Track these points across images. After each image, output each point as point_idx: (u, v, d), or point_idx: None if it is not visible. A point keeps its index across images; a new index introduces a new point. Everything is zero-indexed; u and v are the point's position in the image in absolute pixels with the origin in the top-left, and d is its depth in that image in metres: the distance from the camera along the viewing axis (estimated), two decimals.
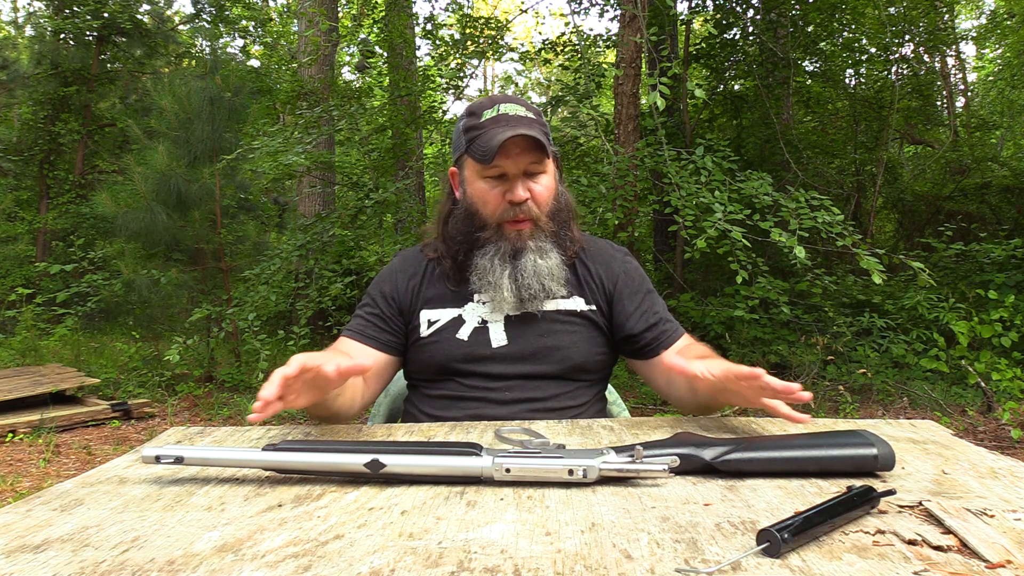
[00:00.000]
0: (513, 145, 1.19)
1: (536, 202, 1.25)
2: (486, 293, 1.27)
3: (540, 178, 1.25)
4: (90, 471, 0.90)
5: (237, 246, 6.53)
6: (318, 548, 0.62)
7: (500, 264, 1.24)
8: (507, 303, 1.24)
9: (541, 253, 1.24)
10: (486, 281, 1.25)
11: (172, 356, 4.47)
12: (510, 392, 1.24)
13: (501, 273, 1.24)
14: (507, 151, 1.20)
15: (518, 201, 1.23)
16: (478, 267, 1.26)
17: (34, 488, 3.39)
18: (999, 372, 4.45)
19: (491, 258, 1.25)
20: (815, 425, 1.04)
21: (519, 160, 1.22)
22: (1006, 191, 7.94)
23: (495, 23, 6.82)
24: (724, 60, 8.06)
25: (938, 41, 8.52)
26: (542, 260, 1.24)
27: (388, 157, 6.64)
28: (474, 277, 1.27)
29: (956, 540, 0.61)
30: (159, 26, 10.81)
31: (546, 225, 1.27)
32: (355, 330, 1.31)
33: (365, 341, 1.29)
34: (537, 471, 0.77)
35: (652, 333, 1.30)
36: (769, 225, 4.00)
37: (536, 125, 1.23)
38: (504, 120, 1.22)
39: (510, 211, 1.24)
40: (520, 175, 1.23)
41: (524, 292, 1.23)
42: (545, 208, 1.26)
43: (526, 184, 1.24)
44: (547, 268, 1.24)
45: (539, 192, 1.25)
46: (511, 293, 1.23)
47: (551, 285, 1.24)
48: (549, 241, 1.26)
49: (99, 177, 10.50)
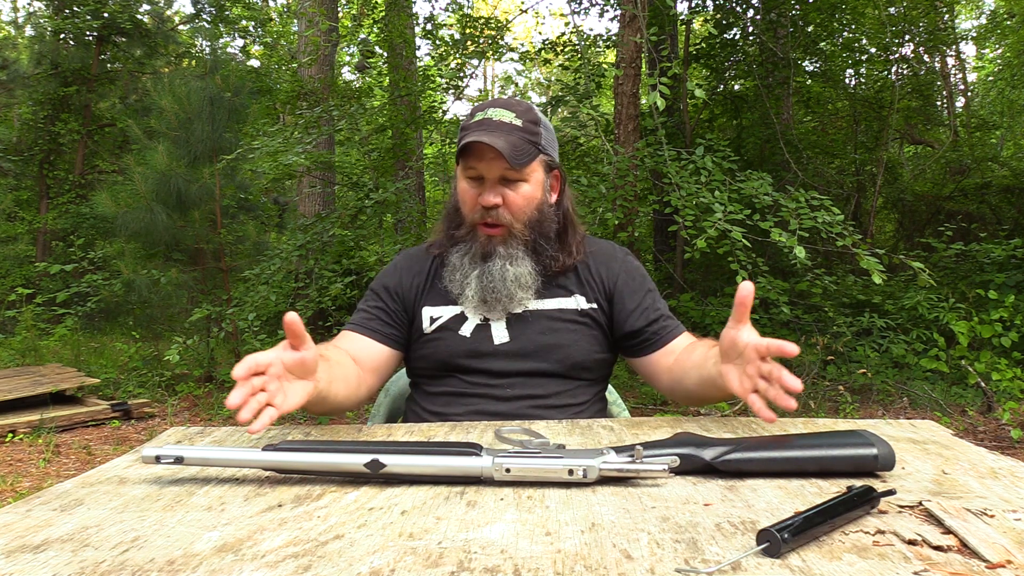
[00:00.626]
0: (488, 150, 1.20)
1: (510, 209, 1.25)
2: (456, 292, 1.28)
3: (519, 186, 1.25)
4: (90, 471, 0.90)
5: (237, 246, 6.52)
6: (318, 548, 0.62)
7: (470, 264, 1.26)
8: (471, 303, 1.26)
9: (511, 260, 1.24)
10: (455, 279, 1.27)
11: (172, 356, 4.47)
12: (512, 389, 1.24)
13: (470, 272, 1.25)
14: (481, 154, 1.21)
15: (487, 205, 1.24)
16: (450, 264, 1.28)
17: (34, 488, 3.39)
18: (999, 372, 4.45)
19: (462, 256, 1.27)
20: (815, 425, 1.04)
21: (492, 165, 1.22)
22: (1006, 191, 7.94)
23: (495, 23, 6.82)
24: (724, 60, 8.06)
25: (938, 41, 8.52)
26: (511, 266, 1.24)
27: (388, 157, 6.64)
28: (446, 274, 1.29)
29: (956, 540, 0.61)
30: (159, 26, 10.81)
31: (520, 233, 1.26)
32: (357, 323, 1.31)
33: (367, 334, 1.30)
34: (537, 471, 0.77)
35: (652, 328, 1.30)
36: (769, 225, 4.00)
37: (517, 133, 1.22)
38: (486, 125, 1.23)
39: (481, 213, 1.25)
40: (495, 181, 1.24)
41: (489, 295, 1.24)
42: (521, 216, 1.26)
43: (499, 190, 1.24)
44: (514, 274, 1.24)
45: (513, 199, 1.25)
46: (476, 294, 1.24)
47: (517, 292, 1.24)
48: (522, 249, 1.26)
49: (99, 177, 10.50)
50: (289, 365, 0.95)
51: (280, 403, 0.93)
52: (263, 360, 0.92)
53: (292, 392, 0.96)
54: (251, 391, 0.89)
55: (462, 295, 1.26)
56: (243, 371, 0.88)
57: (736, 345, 0.99)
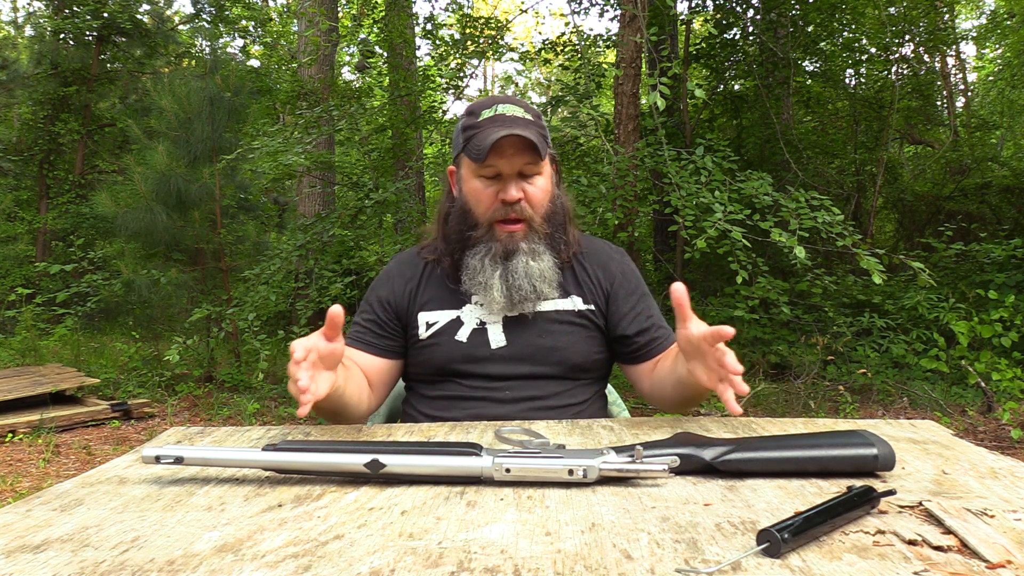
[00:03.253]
0: (508, 145, 1.19)
1: (530, 203, 1.25)
2: (477, 294, 1.26)
3: (535, 179, 1.25)
4: (90, 471, 0.90)
5: (237, 246, 6.53)
6: (318, 548, 0.62)
7: (491, 265, 1.24)
8: (497, 304, 1.24)
9: (533, 255, 1.24)
10: (476, 282, 1.25)
11: (172, 356, 4.47)
12: (510, 392, 1.24)
13: (492, 274, 1.23)
14: (501, 150, 1.20)
15: (511, 201, 1.22)
16: (469, 267, 1.26)
17: (34, 488, 3.39)
18: (999, 372, 4.45)
19: (482, 258, 1.24)
20: (815, 425, 1.04)
21: (513, 160, 1.22)
22: (1006, 191, 7.94)
23: (495, 23, 6.82)
24: (724, 60, 8.06)
25: (938, 41, 8.52)
26: (534, 262, 1.23)
27: (388, 157, 6.64)
28: (465, 277, 1.27)
29: (956, 540, 0.61)
30: (159, 26, 10.81)
31: (540, 227, 1.26)
32: (354, 337, 1.31)
33: (364, 348, 1.30)
34: (537, 471, 0.77)
35: (644, 338, 1.30)
36: (769, 225, 4.00)
37: (533, 126, 1.22)
38: (501, 120, 1.22)
39: (502, 211, 1.24)
40: (514, 175, 1.23)
41: (515, 294, 1.22)
42: (540, 210, 1.26)
43: (520, 184, 1.23)
44: (539, 270, 1.23)
45: (533, 193, 1.25)
46: (502, 294, 1.23)
47: (543, 287, 1.24)
48: (543, 243, 1.26)
49: (99, 177, 10.51)
50: (323, 353, 0.99)
51: (315, 390, 0.97)
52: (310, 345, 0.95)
53: (321, 381, 1.00)
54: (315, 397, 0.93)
55: (486, 297, 1.24)
56: (303, 353, 0.91)
57: (691, 341, 1.01)
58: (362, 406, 1.21)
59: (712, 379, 1.00)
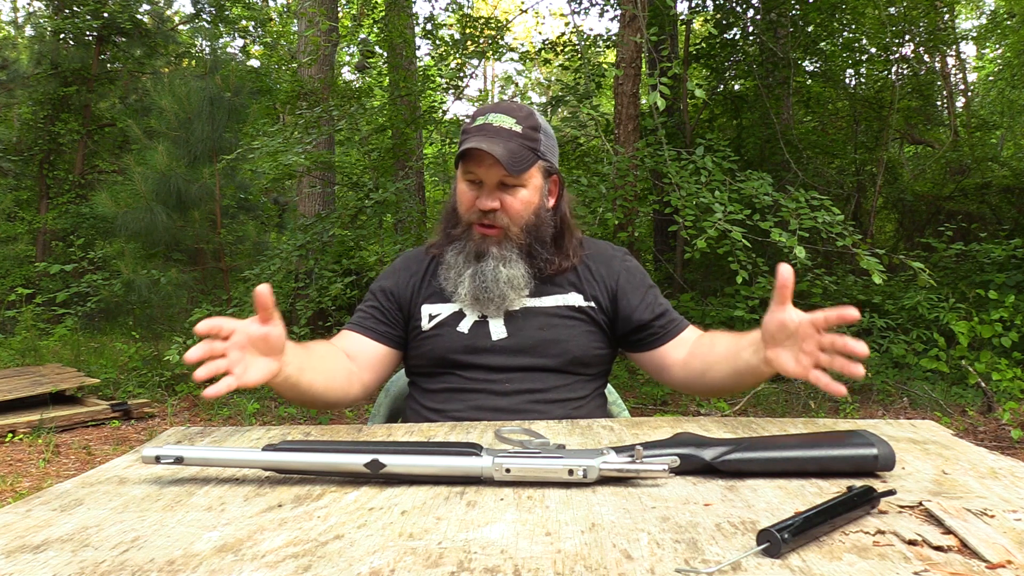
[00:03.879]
0: (487, 155, 1.21)
1: (507, 214, 1.26)
2: (449, 289, 1.30)
3: (517, 191, 1.26)
4: (90, 471, 0.90)
5: (237, 246, 6.53)
6: (318, 548, 0.62)
7: (464, 262, 1.27)
8: (463, 301, 1.28)
9: (504, 261, 1.26)
10: (449, 277, 1.29)
11: (172, 356, 4.47)
12: (510, 384, 1.25)
13: (463, 270, 1.27)
14: (480, 160, 1.23)
15: (485, 209, 1.25)
16: (446, 261, 1.30)
17: (34, 488, 3.39)
18: (999, 372, 4.45)
19: (456, 255, 1.29)
20: (815, 425, 1.04)
21: (491, 171, 1.24)
22: (1006, 191, 7.94)
23: (495, 23, 6.83)
24: (724, 60, 8.06)
25: (938, 41, 8.51)
26: (504, 268, 1.25)
27: (388, 157, 6.64)
28: (441, 271, 1.31)
29: (956, 540, 0.61)
30: (159, 26, 10.81)
31: (516, 236, 1.28)
32: (355, 323, 1.35)
33: (363, 332, 1.33)
34: (537, 471, 0.77)
35: (661, 321, 1.31)
36: (769, 225, 4.00)
37: (517, 140, 1.24)
38: (486, 130, 1.24)
39: (479, 215, 1.27)
40: (494, 186, 1.25)
41: (480, 294, 1.25)
42: (519, 221, 1.27)
43: (497, 195, 1.26)
44: (507, 276, 1.25)
45: (511, 204, 1.26)
46: (468, 292, 1.26)
47: (509, 293, 1.26)
48: (516, 252, 1.27)
49: (99, 177, 10.50)
50: (254, 338, 0.97)
51: (239, 374, 0.95)
52: (227, 325, 0.93)
53: (253, 367, 0.98)
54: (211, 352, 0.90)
55: (456, 293, 1.29)
56: (206, 328, 0.90)
57: (786, 327, 0.98)
58: (340, 393, 1.22)
59: (803, 366, 0.97)
